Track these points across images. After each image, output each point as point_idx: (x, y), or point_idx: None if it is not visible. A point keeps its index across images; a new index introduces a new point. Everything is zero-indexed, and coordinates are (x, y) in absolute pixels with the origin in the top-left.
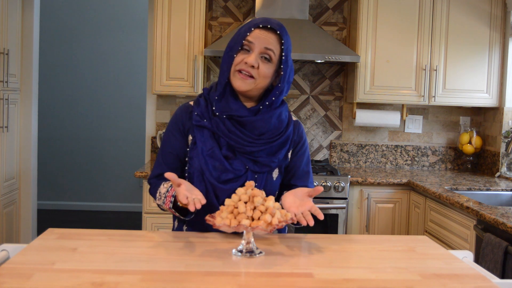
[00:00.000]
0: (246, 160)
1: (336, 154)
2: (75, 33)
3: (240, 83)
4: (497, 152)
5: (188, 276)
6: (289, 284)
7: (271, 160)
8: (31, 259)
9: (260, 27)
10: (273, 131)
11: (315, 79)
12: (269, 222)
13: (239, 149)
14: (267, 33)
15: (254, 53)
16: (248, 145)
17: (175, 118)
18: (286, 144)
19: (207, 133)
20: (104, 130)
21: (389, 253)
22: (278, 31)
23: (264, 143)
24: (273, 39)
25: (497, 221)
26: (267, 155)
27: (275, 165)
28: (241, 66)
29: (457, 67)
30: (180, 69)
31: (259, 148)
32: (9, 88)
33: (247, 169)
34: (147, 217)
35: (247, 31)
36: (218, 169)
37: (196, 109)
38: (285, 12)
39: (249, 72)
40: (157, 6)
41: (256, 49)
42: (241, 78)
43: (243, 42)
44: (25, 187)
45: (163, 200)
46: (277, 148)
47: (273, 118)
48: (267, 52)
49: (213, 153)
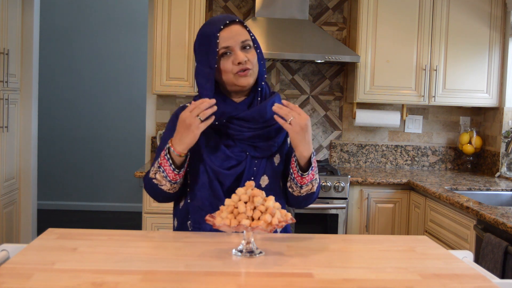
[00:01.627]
0: (246, 147)
1: (336, 154)
2: (75, 33)
3: (246, 80)
4: (497, 152)
5: (188, 276)
6: (289, 284)
7: (270, 144)
8: (31, 259)
9: (222, 28)
10: (270, 120)
11: (315, 79)
12: (269, 222)
13: (238, 135)
14: (232, 27)
15: (237, 51)
16: (246, 131)
17: (174, 119)
18: (283, 129)
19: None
20: (104, 130)
21: (389, 253)
22: (237, 19)
23: (261, 128)
24: (240, 29)
25: (497, 221)
26: (266, 140)
27: (274, 149)
28: (237, 67)
29: (457, 67)
30: (180, 69)
31: (256, 133)
32: (9, 88)
33: (247, 154)
34: (147, 217)
35: (215, 39)
36: (219, 157)
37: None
38: (285, 12)
39: (246, 68)
40: (157, 6)
41: (235, 48)
42: (244, 75)
43: (218, 51)
44: (25, 187)
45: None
46: (275, 132)
47: (268, 107)
48: (245, 43)
49: (215, 143)
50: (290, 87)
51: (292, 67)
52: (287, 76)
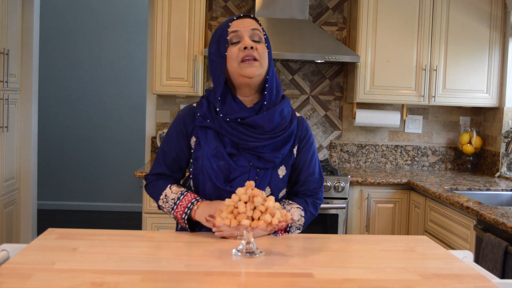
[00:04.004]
0: (250, 157)
1: (336, 154)
2: (75, 33)
3: (251, 69)
4: (497, 152)
5: (188, 276)
6: (289, 284)
7: (275, 155)
8: (31, 259)
9: (235, 19)
10: (276, 128)
11: (315, 79)
12: (269, 222)
13: (242, 145)
14: (244, 19)
15: (246, 37)
16: (252, 141)
17: (178, 119)
18: (290, 140)
19: (210, 133)
20: (104, 130)
21: (389, 253)
22: (251, 15)
23: (268, 139)
24: (251, 21)
25: (497, 221)
26: (271, 150)
27: (279, 160)
28: (242, 53)
29: (457, 67)
30: (180, 69)
31: (263, 144)
32: (9, 88)
33: (251, 165)
34: (147, 217)
35: (226, 27)
36: (223, 168)
37: (199, 110)
38: (285, 12)
39: (252, 55)
40: (157, 6)
41: (245, 33)
42: (249, 64)
43: (227, 38)
44: (25, 187)
45: (172, 206)
46: (282, 144)
47: (275, 115)
48: (255, 33)
49: (218, 152)
50: (290, 87)
51: (292, 67)
52: (287, 76)
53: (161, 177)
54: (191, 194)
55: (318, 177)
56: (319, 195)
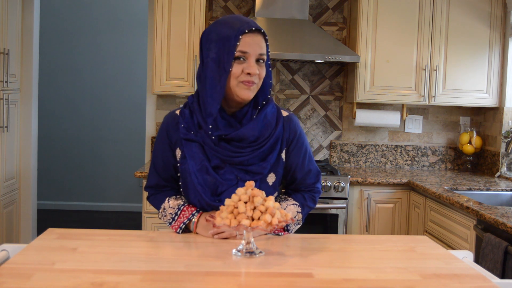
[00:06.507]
0: (237, 170)
1: (336, 154)
2: (75, 33)
3: (248, 93)
4: (497, 152)
5: (188, 276)
6: (289, 284)
7: (262, 167)
8: (31, 259)
9: (246, 32)
10: (260, 137)
11: (315, 79)
12: (269, 222)
13: (228, 160)
14: (255, 36)
15: (252, 61)
16: (236, 156)
17: (162, 130)
18: (276, 147)
19: (195, 146)
20: (104, 130)
21: (389, 253)
22: (262, 30)
23: (252, 151)
24: (261, 41)
25: (497, 221)
26: (258, 161)
27: (266, 171)
28: (245, 77)
29: (457, 67)
30: (180, 69)
31: (248, 157)
32: (9, 88)
33: (238, 179)
34: (147, 217)
35: (235, 41)
36: (210, 183)
37: (182, 121)
38: (285, 12)
39: (253, 81)
40: (157, 6)
41: (251, 57)
42: (247, 87)
43: (235, 53)
44: (25, 187)
45: (169, 221)
46: (268, 152)
47: (258, 123)
48: (261, 57)
49: (203, 167)
50: (290, 87)
51: (292, 67)
52: (287, 76)
53: (159, 189)
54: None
55: (315, 172)
56: (317, 188)
